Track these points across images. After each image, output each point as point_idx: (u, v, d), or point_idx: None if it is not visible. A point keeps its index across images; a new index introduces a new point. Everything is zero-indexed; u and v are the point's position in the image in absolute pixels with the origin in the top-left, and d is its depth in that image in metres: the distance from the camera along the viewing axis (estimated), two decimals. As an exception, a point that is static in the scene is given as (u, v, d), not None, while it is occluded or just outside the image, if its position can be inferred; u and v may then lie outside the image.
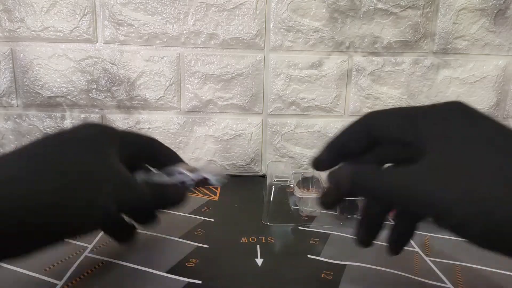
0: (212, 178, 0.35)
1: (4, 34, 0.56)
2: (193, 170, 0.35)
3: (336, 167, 0.27)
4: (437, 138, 0.22)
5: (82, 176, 0.25)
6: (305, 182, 0.48)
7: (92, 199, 0.24)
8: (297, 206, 0.45)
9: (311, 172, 0.50)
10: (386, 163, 0.27)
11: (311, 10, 0.58)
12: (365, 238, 0.27)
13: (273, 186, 0.43)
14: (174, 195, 0.33)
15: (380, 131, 0.25)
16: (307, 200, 0.44)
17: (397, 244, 0.27)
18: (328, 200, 0.27)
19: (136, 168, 0.32)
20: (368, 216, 0.27)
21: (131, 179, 0.28)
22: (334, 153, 0.27)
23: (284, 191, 0.44)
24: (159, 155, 0.34)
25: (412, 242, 0.37)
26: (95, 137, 0.28)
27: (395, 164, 0.26)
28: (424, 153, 0.22)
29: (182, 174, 0.35)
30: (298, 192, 0.43)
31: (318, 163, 0.28)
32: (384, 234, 0.28)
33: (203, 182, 0.35)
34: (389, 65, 0.60)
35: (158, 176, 0.34)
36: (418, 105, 0.24)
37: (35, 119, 0.59)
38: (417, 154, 0.22)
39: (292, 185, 0.43)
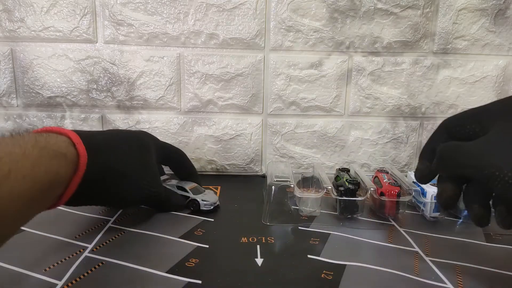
0: (201, 203, 0.44)
1: (4, 34, 0.56)
2: (194, 190, 0.45)
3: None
4: (498, 119, 0.27)
5: (146, 161, 0.35)
6: (305, 182, 0.48)
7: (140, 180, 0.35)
8: (297, 206, 0.45)
9: (311, 172, 0.50)
10: None
11: (311, 10, 0.58)
12: (481, 214, 0.28)
13: (273, 186, 0.43)
14: (177, 203, 0.44)
15: (454, 127, 0.30)
16: (307, 200, 0.44)
17: (485, 215, 0.28)
18: (421, 175, 0.32)
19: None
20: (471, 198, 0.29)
21: (159, 179, 0.38)
22: (429, 160, 0.31)
23: (284, 191, 0.44)
24: (182, 167, 0.44)
25: (412, 242, 0.37)
26: (148, 139, 0.38)
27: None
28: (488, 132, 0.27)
29: (184, 190, 0.45)
30: (298, 192, 0.43)
31: (421, 177, 0.32)
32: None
33: (194, 204, 0.44)
34: (389, 65, 0.60)
35: (169, 184, 0.45)
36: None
37: (35, 119, 0.59)
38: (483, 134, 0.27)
39: (292, 185, 0.43)
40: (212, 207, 0.44)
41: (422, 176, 0.32)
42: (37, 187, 0.22)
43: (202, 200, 0.44)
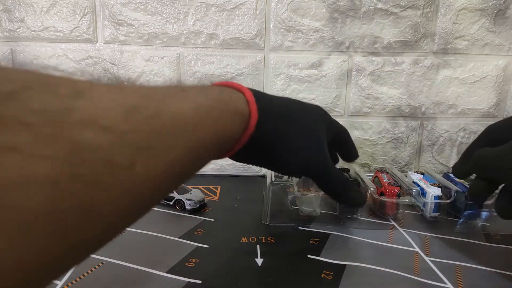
0: (186, 203, 0.44)
1: (4, 34, 0.56)
2: (179, 190, 0.46)
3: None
4: None
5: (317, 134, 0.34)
6: (305, 182, 0.48)
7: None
8: (296, 206, 0.45)
9: None
10: None
11: (311, 10, 0.58)
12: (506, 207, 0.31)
13: (272, 186, 0.43)
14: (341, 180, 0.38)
15: (493, 132, 0.34)
16: (307, 200, 0.44)
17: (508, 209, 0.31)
18: (456, 171, 0.37)
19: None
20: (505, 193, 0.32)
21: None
22: (466, 161, 0.35)
23: (283, 191, 0.44)
24: (345, 147, 0.41)
25: (412, 242, 0.37)
26: (321, 115, 0.37)
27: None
28: None
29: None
30: (298, 192, 0.43)
31: (457, 172, 0.37)
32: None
33: (180, 203, 0.45)
34: (389, 65, 0.60)
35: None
36: None
37: (35, 119, 0.59)
38: None
39: (291, 185, 0.43)
40: (198, 206, 0.44)
41: (456, 173, 0.37)
42: (217, 140, 0.23)
43: (187, 200, 0.44)
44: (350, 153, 0.41)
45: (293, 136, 0.32)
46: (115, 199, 0.14)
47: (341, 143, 0.40)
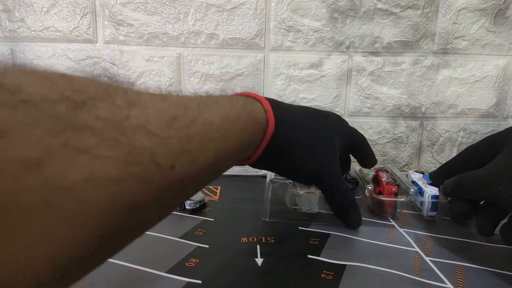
0: (186, 203, 0.44)
1: (4, 34, 0.56)
2: None
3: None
4: (506, 144, 0.32)
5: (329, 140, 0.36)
6: None
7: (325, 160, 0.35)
8: (296, 204, 0.45)
9: None
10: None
11: (311, 10, 0.58)
12: (486, 227, 0.33)
13: (272, 184, 0.43)
14: (345, 195, 0.40)
15: (473, 152, 0.37)
16: (306, 198, 0.44)
17: (486, 227, 0.33)
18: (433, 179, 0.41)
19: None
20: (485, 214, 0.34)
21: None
22: (443, 176, 0.39)
23: (283, 189, 0.44)
24: (362, 154, 0.43)
25: (412, 242, 0.37)
26: (335, 122, 0.38)
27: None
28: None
29: None
30: (297, 190, 0.43)
31: (432, 178, 0.42)
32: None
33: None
34: (389, 65, 0.60)
35: None
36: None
37: (35, 119, 0.59)
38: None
39: (291, 183, 0.43)
40: (198, 206, 0.44)
41: (432, 178, 0.40)
42: (239, 147, 0.25)
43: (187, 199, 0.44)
44: (368, 159, 0.43)
45: (306, 145, 0.33)
46: (158, 195, 0.17)
47: (358, 150, 0.42)
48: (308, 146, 0.34)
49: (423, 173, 0.50)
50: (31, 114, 0.12)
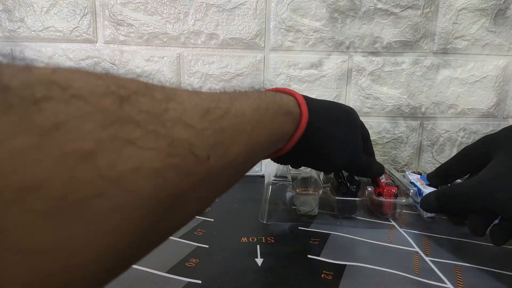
0: None
1: (4, 34, 0.56)
2: None
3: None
4: (498, 151, 0.33)
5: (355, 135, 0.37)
6: (303, 182, 0.48)
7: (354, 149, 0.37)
8: (294, 205, 0.45)
9: (308, 171, 0.50)
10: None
11: (311, 10, 0.58)
12: (479, 228, 0.33)
13: (270, 186, 0.43)
14: (376, 171, 0.43)
15: (471, 153, 0.37)
16: (305, 200, 0.44)
17: (478, 228, 0.33)
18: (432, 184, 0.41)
19: None
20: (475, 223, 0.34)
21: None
22: (440, 177, 0.40)
23: (282, 190, 0.44)
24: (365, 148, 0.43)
25: (412, 242, 0.37)
26: (356, 114, 0.39)
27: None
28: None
29: None
30: (296, 191, 0.43)
31: (431, 183, 0.42)
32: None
33: None
34: (389, 65, 0.60)
35: None
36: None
37: (35, 119, 0.59)
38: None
39: (290, 184, 0.43)
40: None
41: (430, 179, 0.41)
42: (270, 139, 0.26)
43: None
44: (371, 155, 0.44)
45: (338, 136, 0.34)
46: (196, 187, 0.17)
47: (364, 143, 0.42)
48: (340, 138, 0.35)
49: (420, 174, 0.50)
50: (82, 108, 0.13)
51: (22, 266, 0.10)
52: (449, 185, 0.36)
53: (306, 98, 0.32)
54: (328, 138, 0.33)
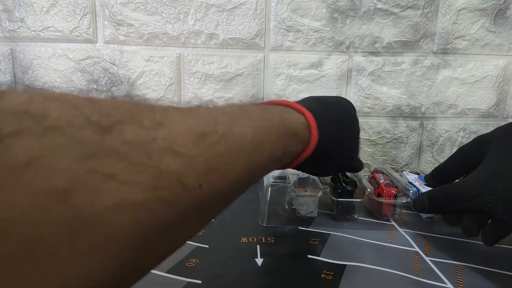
0: None
1: (4, 34, 0.56)
2: None
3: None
4: (489, 151, 0.33)
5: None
6: (301, 183, 0.48)
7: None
8: (295, 207, 0.45)
9: None
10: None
11: (311, 10, 0.58)
12: (472, 228, 0.33)
13: (269, 188, 0.43)
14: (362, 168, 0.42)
15: (466, 153, 0.37)
16: (304, 201, 0.44)
17: (471, 228, 0.33)
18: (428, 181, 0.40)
19: None
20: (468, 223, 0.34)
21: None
22: (437, 178, 0.40)
23: (280, 192, 0.44)
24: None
25: (412, 242, 0.37)
26: (354, 108, 0.38)
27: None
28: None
29: None
30: (295, 193, 0.43)
31: (428, 185, 0.41)
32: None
33: None
34: (389, 65, 0.60)
35: None
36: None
37: (35, 119, 0.59)
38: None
39: (288, 186, 0.43)
40: None
41: (428, 180, 0.40)
42: (272, 159, 0.25)
43: None
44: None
45: (345, 145, 0.34)
46: (185, 216, 0.16)
47: None
48: (347, 144, 0.34)
49: (418, 174, 0.50)
50: (58, 141, 0.12)
51: None
52: (441, 186, 0.35)
53: (316, 113, 0.30)
54: (337, 148, 0.33)
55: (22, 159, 0.11)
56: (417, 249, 0.36)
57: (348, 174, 0.47)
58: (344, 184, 0.42)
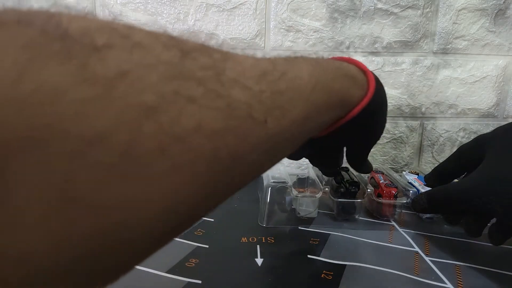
0: None
1: (4, 34, 0.56)
2: None
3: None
4: (488, 151, 0.32)
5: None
6: (301, 183, 0.48)
7: None
8: (293, 207, 0.45)
9: (306, 173, 0.50)
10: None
11: (311, 10, 0.58)
12: (474, 228, 0.33)
13: (269, 188, 0.43)
14: None
15: (466, 153, 0.36)
16: (304, 202, 0.44)
17: (474, 228, 0.33)
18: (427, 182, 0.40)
19: None
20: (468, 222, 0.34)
21: None
22: (436, 178, 0.39)
23: (280, 192, 0.44)
24: None
25: (412, 242, 0.37)
26: None
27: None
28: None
29: None
30: (295, 193, 0.43)
31: (428, 185, 0.40)
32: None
33: None
34: (389, 65, 0.60)
35: None
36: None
37: (35, 119, 0.59)
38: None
39: (288, 186, 0.43)
40: None
41: (427, 180, 0.40)
42: (331, 101, 0.24)
43: None
44: None
45: (385, 115, 0.32)
46: (253, 150, 0.16)
47: None
48: (384, 122, 0.33)
49: (417, 174, 0.50)
50: (145, 58, 0.12)
51: (86, 220, 0.10)
52: (440, 186, 0.35)
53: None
54: (383, 113, 0.31)
55: (116, 70, 0.11)
56: (417, 249, 0.36)
57: (352, 176, 0.47)
58: (347, 185, 0.42)
